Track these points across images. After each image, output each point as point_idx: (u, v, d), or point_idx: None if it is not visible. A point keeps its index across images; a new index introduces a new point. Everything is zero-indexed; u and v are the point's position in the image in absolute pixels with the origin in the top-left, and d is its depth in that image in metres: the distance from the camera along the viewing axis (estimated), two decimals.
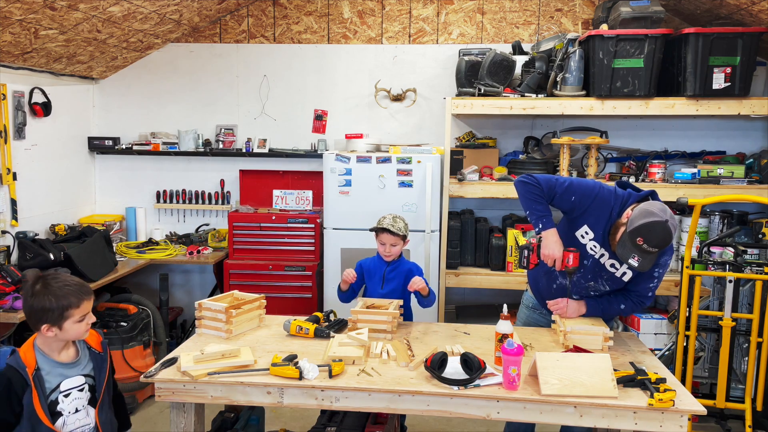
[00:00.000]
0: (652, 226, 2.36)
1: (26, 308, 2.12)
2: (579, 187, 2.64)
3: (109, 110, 5.02)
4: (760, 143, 4.52)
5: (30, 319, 2.12)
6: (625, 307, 2.73)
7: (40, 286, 2.10)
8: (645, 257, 2.41)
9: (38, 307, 2.08)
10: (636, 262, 2.41)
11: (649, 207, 2.43)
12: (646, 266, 2.43)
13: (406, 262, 3.19)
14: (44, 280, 2.12)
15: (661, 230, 2.36)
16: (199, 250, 4.54)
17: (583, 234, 2.66)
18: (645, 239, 2.37)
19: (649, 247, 2.38)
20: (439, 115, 4.71)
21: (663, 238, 2.37)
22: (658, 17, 3.90)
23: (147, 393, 4.07)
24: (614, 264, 2.65)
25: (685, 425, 2.20)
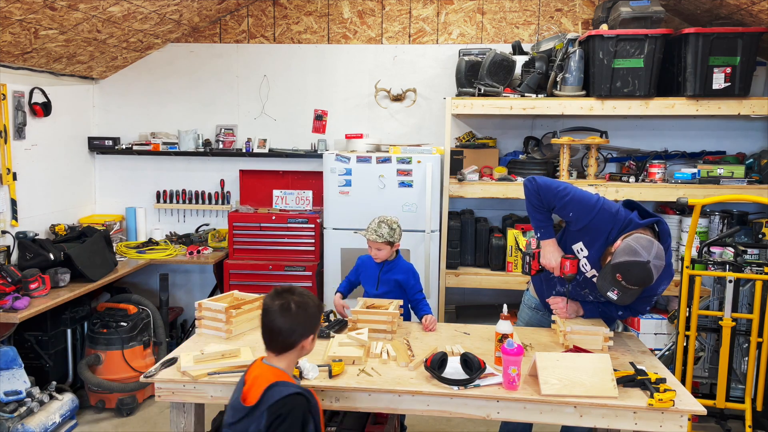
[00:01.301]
0: (632, 266, 2.33)
1: (299, 320, 1.97)
2: (578, 204, 2.58)
3: (109, 110, 5.02)
4: (760, 143, 4.52)
5: (297, 332, 1.97)
6: (622, 314, 2.77)
7: (298, 296, 1.98)
8: (625, 292, 2.38)
9: (315, 314, 1.99)
10: (615, 296, 2.39)
11: (634, 243, 2.36)
12: (627, 300, 2.41)
13: (401, 265, 3.18)
14: (294, 289, 2.01)
15: (640, 271, 2.32)
16: (199, 250, 4.54)
17: (579, 249, 2.64)
18: (624, 277, 2.35)
19: (627, 285, 2.36)
20: (439, 115, 4.71)
21: (642, 278, 2.34)
22: (658, 17, 3.90)
23: (147, 393, 4.07)
24: None
25: (685, 425, 2.20)
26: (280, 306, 1.97)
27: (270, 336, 1.99)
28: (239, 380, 2.06)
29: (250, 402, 1.92)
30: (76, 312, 3.99)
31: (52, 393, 3.53)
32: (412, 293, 3.15)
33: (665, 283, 2.58)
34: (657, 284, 2.53)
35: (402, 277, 3.13)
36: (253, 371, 2.03)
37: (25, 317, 3.30)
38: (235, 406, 1.98)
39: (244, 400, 1.95)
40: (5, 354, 3.41)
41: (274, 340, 1.99)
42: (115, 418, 3.89)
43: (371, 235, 3.06)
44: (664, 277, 2.53)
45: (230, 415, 2.00)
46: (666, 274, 2.52)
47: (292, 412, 1.88)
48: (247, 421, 1.91)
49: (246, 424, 1.91)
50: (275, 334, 1.98)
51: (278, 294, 2.01)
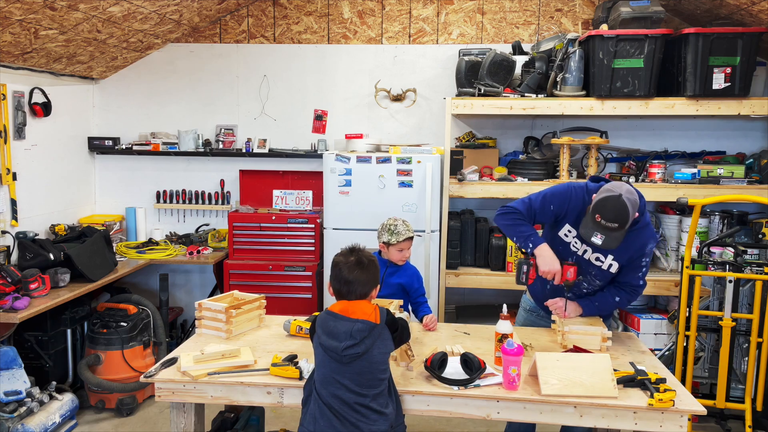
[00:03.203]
0: (606, 201, 2.42)
1: (371, 272, 2.26)
2: (554, 195, 2.71)
3: (109, 110, 5.02)
4: (760, 143, 4.52)
5: (370, 282, 2.27)
6: (620, 299, 2.74)
7: (366, 253, 2.31)
8: (608, 234, 2.43)
9: (378, 267, 2.32)
10: (599, 240, 2.43)
11: (608, 186, 2.49)
12: (612, 244, 2.45)
13: (408, 266, 3.18)
14: (360, 247, 2.34)
15: (615, 204, 2.40)
16: (199, 250, 4.54)
17: (566, 233, 2.70)
18: (601, 215, 2.41)
19: (606, 222, 2.41)
20: (439, 115, 4.71)
21: (617, 210, 2.39)
22: (658, 17, 3.90)
23: (147, 393, 4.07)
24: (599, 257, 2.68)
25: (685, 425, 2.20)
26: (356, 261, 2.26)
27: (348, 288, 2.24)
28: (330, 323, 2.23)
29: (376, 320, 2.19)
30: (76, 312, 3.99)
31: (52, 393, 3.52)
32: (415, 296, 3.15)
33: (651, 242, 2.62)
34: (642, 243, 2.59)
35: (406, 280, 3.12)
36: (353, 311, 2.22)
37: (25, 317, 3.30)
38: (348, 332, 2.15)
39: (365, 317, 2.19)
40: (5, 354, 3.41)
41: (353, 291, 2.24)
42: (115, 418, 3.89)
43: (410, 233, 3.07)
44: (649, 236, 2.60)
45: (340, 342, 2.16)
46: (650, 234, 2.60)
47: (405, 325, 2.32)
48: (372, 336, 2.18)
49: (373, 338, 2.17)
50: (354, 285, 2.23)
51: (351, 251, 2.31)
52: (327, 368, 2.19)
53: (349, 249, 2.34)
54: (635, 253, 2.61)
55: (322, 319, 2.27)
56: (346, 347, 2.13)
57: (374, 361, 2.16)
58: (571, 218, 2.67)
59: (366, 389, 2.15)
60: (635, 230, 2.58)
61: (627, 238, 2.53)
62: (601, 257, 2.67)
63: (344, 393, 2.15)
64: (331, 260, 2.36)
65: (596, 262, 2.68)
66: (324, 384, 2.19)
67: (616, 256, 2.64)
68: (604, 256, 2.66)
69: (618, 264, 2.66)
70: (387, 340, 2.20)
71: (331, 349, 2.17)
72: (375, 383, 2.16)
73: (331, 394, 2.17)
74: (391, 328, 2.22)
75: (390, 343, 2.22)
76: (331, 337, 2.18)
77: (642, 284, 2.72)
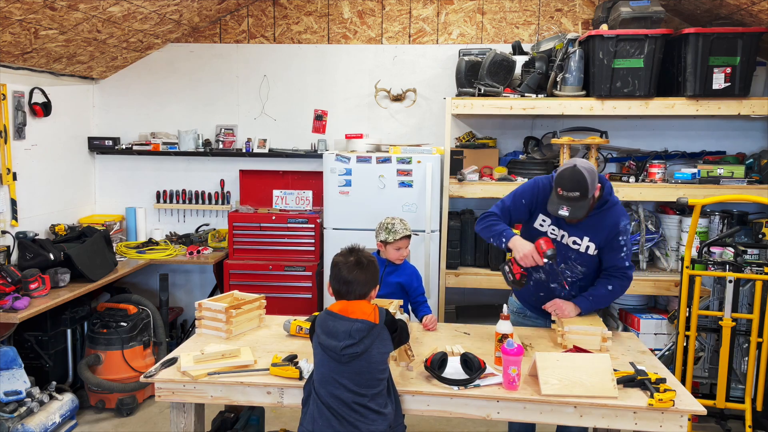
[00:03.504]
0: (563, 172, 2.56)
1: (370, 272, 2.27)
2: (524, 190, 2.83)
3: (109, 110, 5.02)
4: (760, 143, 4.52)
5: (370, 282, 2.28)
6: (612, 288, 2.75)
7: (366, 253, 2.32)
8: (572, 204, 2.54)
9: (378, 267, 2.34)
10: (566, 212, 2.54)
11: (565, 162, 2.62)
12: (578, 213, 2.55)
13: (406, 265, 3.18)
14: (359, 247, 2.35)
15: (571, 173, 2.53)
16: (199, 250, 4.54)
17: (540, 223, 2.79)
18: (561, 187, 2.54)
19: (567, 193, 2.53)
20: (439, 115, 4.71)
21: (575, 179, 2.51)
22: (658, 17, 3.90)
23: (147, 393, 4.07)
24: (575, 240, 2.73)
25: (685, 425, 2.20)
26: (355, 261, 2.26)
27: (347, 288, 2.25)
28: (329, 325, 2.23)
29: (375, 320, 2.19)
30: (76, 312, 3.99)
31: (52, 393, 3.53)
32: (415, 295, 3.14)
33: (623, 219, 2.69)
34: (614, 222, 2.66)
35: (405, 279, 3.12)
36: (352, 310, 2.22)
37: (25, 317, 3.30)
38: (347, 331, 2.16)
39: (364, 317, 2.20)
40: (5, 354, 3.41)
41: (352, 291, 2.25)
42: (115, 418, 3.89)
43: (409, 231, 3.06)
44: (619, 213, 2.69)
45: (339, 342, 2.17)
46: (620, 211, 2.70)
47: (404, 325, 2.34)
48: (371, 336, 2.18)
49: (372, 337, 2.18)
50: (354, 285, 2.24)
51: (350, 251, 2.33)
52: (326, 368, 2.19)
53: (349, 249, 2.35)
54: (609, 232, 2.67)
55: (321, 319, 2.27)
56: (345, 347, 2.13)
57: (373, 361, 2.16)
58: (542, 208, 2.76)
59: (365, 389, 2.15)
60: (604, 210, 2.68)
61: (597, 217, 2.66)
62: (577, 240, 2.72)
63: (343, 393, 2.15)
64: (331, 260, 2.37)
65: (574, 246, 2.74)
66: (323, 383, 2.19)
67: (592, 237, 2.70)
68: (580, 238, 2.72)
69: (594, 245, 2.71)
70: (386, 341, 2.20)
71: (330, 348, 2.17)
72: (374, 383, 2.17)
73: (329, 394, 2.17)
74: (390, 328, 2.22)
75: (389, 344, 2.22)
76: (330, 337, 2.18)
77: (629, 266, 2.75)
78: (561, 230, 2.75)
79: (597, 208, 2.67)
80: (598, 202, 2.67)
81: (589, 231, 2.69)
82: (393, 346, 2.25)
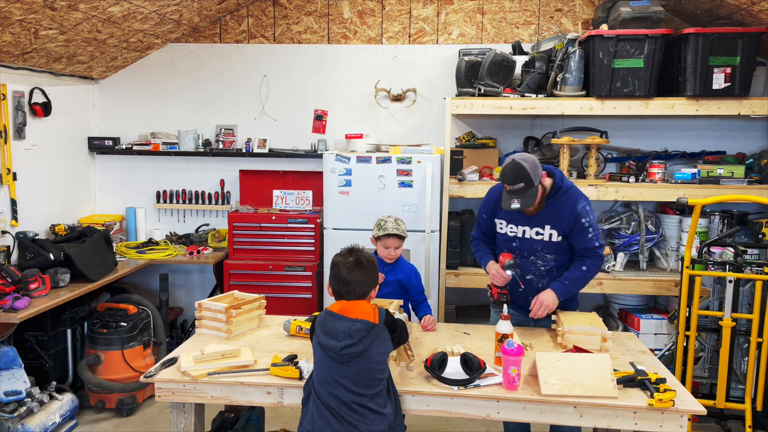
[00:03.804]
0: (504, 168, 2.70)
1: (370, 273, 2.27)
2: (483, 204, 3.02)
3: (109, 110, 5.02)
4: (760, 143, 4.52)
5: (370, 283, 2.28)
6: (586, 268, 2.80)
7: (365, 254, 2.32)
8: (520, 195, 2.64)
9: (377, 268, 2.34)
10: (517, 204, 2.65)
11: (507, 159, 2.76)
12: (528, 202, 2.65)
13: (404, 264, 3.18)
14: (359, 248, 2.35)
15: (510, 167, 2.66)
16: (199, 250, 4.54)
17: (500, 226, 2.93)
18: (506, 181, 2.67)
19: (512, 186, 2.65)
20: (439, 115, 4.71)
21: (515, 171, 2.64)
22: (658, 17, 3.90)
23: (147, 393, 4.07)
24: (538, 231, 2.83)
25: (685, 425, 2.20)
26: (355, 261, 2.27)
27: (347, 288, 2.25)
28: (329, 325, 2.23)
29: (375, 320, 2.19)
30: (76, 312, 3.99)
31: (52, 393, 3.53)
32: (414, 293, 3.14)
33: (580, 202, 2.77)
34: (572, 206, 2.75)
35: (405, 277, 3.12)
36: (352, 310, 2.22)
37: (25, 317, 3.30)
38: (347, 331, 2.16)
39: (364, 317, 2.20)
40: (5, 354, 3.41)
41: (352, 291, 2.25)
42: (115, 418, 3.89)
43: (397, 231, 3.04)
44: (575, 196, 2.78)
45: (338, 342, 2.17)
46: (575, 194, 2.79)
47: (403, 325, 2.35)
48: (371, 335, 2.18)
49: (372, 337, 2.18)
50: (353, 285, 2.24)
51: (350, 252, 2.33)
52: (325, 368, 2.19)
53: (348, 249, 2.35)
54: (569, 216, 2.76)
55: (321, 319, 2.27)
56: (345, 346, 2.14)
57: (373, 361, 2.16)
58: (498, 212, 2.93)
59: (364, 389, 2.15)
60: (559, 197, 2.78)
61: (555, 205, 2.76)
62: (539, 230, 2.82)
63: (342, 392, 2.15)
64: (330, 260, 2.37)
65: (538, 237, 2.83)
66: (322, 383, 2.19)
67: (553, 225, 2.79)
68: (541, 228, 2.81)
69: (557, 232, 2.79)
70: (386, 341, 2.21)
71: (329, 348, 2.17)
72: (373, 383, 2.17)
73: (329, 394, 2.17)
74: (390, 328, 2.23)
75: (389, 344, 2.22)
76: (330, 337, 2.18)
77: (598, 245, 2.81)
78: (521, 226, 2.86)
79: (552, 196, 2.77)
80: (552, 191, 2.77)
81: (549, 220, 2.79)
82: (393, 346, 2.25)
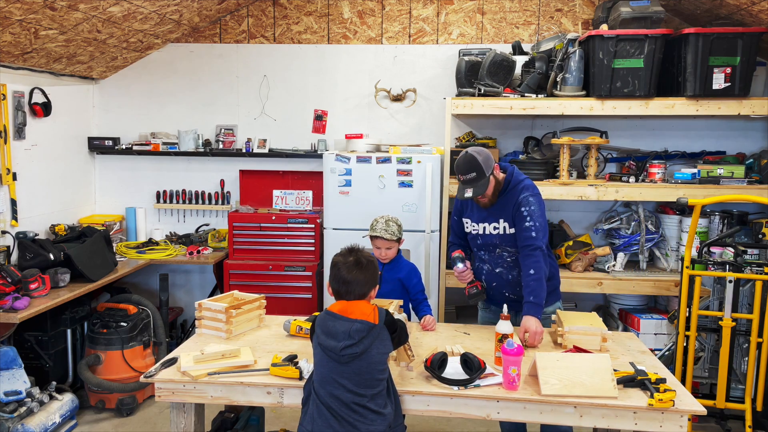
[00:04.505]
0: (458, 161, 2.85)
1: (370, 273, 2.27)
2: (454, 205, 3.13)
3: (109, 110, 5.02)
4: (760, 143, 4.52)
5: (369, 282, 2.27)
6: (534, 270, 2.77)
7: (365, 253, 2.32)
8: (472, 184, 2.79)
9: (377, 267, 2.33)
10: (470, 192, 2.79)
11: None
12: (480, 190, 2.79)
13: (404, 263, 3.18)
14: (359, 247, 2.35)
15: (463, 158, 2.81)
16: (199, 250, 4.54)
17: (466, 225, 3.05)
18: (459, 172, 2.82)
19: (465, 176, 2.79)
20: (439, 115, 4.71)
21: (467, 161, 2.79)
22: (658, 17, 3.90)
23: (147, 393, 4.07)
24: (495, 225, 2.94)
25: (685, 425, 2.20)
26: (354, 261, 2.26)
27: (347, 288, 2.25)
28: (329, 323, 2.23)
29: (375, 320, 2.19)
30: (76, 312, 3.99)
31: (52, 393, 3.53)
32: (414, 292, 3.14)
33: (524, 192, 2.87)
34: (516, 197, 2.85)
35: (404, 275, 3.12)
36: (352, 311, 2.22)
37: (25, 317, 3.30)
38: (347, 332, 2.15)
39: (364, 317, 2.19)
40: (5, 354, 3.41)
41: (351, 292, 2.25)
42: (115, 418, 3.89)
43: (384, 233, 3.03)
44: (521, 188, 2.88)
45: (338, 343, 2.16)
46: (522, 187, 2.89)
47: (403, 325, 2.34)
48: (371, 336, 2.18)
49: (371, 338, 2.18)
50: (353, 285, 2.24)
51: (350, 252, 2.33)
52: (325, 368, 2.19)
53: (348, 249, 2.35)
54: (513, 206, 2.87)
55: (321, 319, 2.27)
56: (345, 347, 2.13)
57: (373, 362, 2.16)
58: (464, 212, 3.06)
59: (364, 389, 2.15)
60: (509, 191, 2.90)
61: (504, 199, 2.89)
62: (495, 224, 2.94)
63: (342, 393, 2.15)
64: (330, 260, 2.36)
65: (495, 231, 2.94)
66: (322, 384, 2.19)
67: (504, 217, 2.91)
68: (497, 221, 2.93)
69: (509, 224, 2.91)
70: (386, 341, 2.21)
71: (329, 348, 2.17)
72: (373, 383, 2.17)
73: (329, 394, 2.17)
74: (390, 328, 2.23)
75: (389, 344, 2.22)
76: (330, 337, 2.18)
77: (535, 236, 2.80)
78: (481, 223, 2.97)
79: (503, 191, 2.89)
80: (504, 186, 2.90)
81: (500, 213, 2.91)
82: (393, 347, 2.25)
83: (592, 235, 4.57)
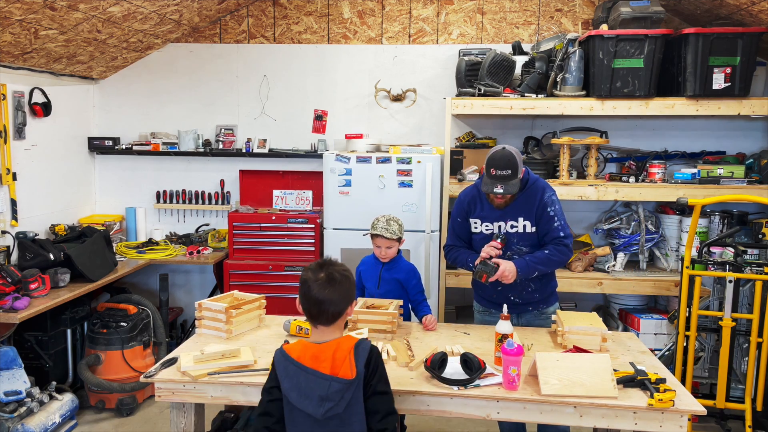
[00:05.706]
0: (495, 154, 2.81)
1: (345, 289, 2.03)
2: (455, 210, 3.07)
3: (109, 110, 5.02)
4: (760, 143, 4.52)
5: (345, 300, 2.04)
6: (549, 252, 2.86)
7: (339, 267, 2.06)
8: (504, 182, 2.77)
9: (353, 281, 2.10)
10: (501, 189, 2.76)
11: (492, 149, 2.88)
12: (512, 189, 2.77)
13: (403, 264, 3.18)
14: (331, 261, 2.10)
15: (500, 153, 2.79)
16: (199, 250, 4.54)
17: (475, 226, 3.00)
18: (494, 167, 2.77)
19: (500, 172, 2.76)
20: (439, 115, 4.71)
21: (506, 158, 2.77)
22: (658, 17, 3.90)
23: (147, 393, 4.07)
24: (512, 224, 2.92)
25: (685, 425, 2.20)
26: (326, 278, 2.02)
27: (319, 308, 2.01)
28: (303, 372, 1.99)
29: (348, 375, 1.95)
30: (76, 312, 3.99)
31: (52, 393, 3.53)
32: (414, 293, 3.14)
33: (547, 191, 2.91)
34: (540, 196, 2.88)
35: (403, 276, 3.12)
36: (324, 358, 1.98)
37: (25, 317, 3.30)
38: (325, 395, 1.94)
39: (337, 375, 1.96)
40: (5, 354, 3.41)
41: (324, 312, 2.01)
42: (115, 418, 3.89)
43: (385, 232, 3.03)
44: (541, 187, 2.92)
45: (317, 405, 1.95)
46: (541, 185, 2.93)
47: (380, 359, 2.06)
48: (351, 390, 1.96)
49: (351, 393, 1.96)
50: (326, 304, 2.00)
51: (320, 267, 2.06)
52: (298, 427, 1.99)
53: (319, 264, 2.08)
54: (537, 205, 2.88)
55: (288, 371, 2.00)
56: (327, 410, 1.94)
57: (354, 412, 1.98)
58: (471, 214, 3.00)
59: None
60: (528, 188, 2.90)
61: (524, 197, 2.89)
62: (514, 222, 2.91)
63: None
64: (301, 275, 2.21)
65: (512, 230, 2.92)
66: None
67: (525, 216, 2.90)
68: (515, 220, 2.91)
69: (530, 223, 2.90)
70: (361, 394, 1.99)
71: (306, 411, 1.96)
72: (355, 428, 1.99)
73: None
74: (367, 377, 1.99)
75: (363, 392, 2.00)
76: (305, 398, 1.96)
77: (564, 236, 2.89)
78: (496, 222, 2.94)
79: (521, 189, 2.89)
80: (521, 184, 2.88)
81: (521, 211, 2.90)
82: (365, 400, 2.02)
83: (592, 235, 4.57)
